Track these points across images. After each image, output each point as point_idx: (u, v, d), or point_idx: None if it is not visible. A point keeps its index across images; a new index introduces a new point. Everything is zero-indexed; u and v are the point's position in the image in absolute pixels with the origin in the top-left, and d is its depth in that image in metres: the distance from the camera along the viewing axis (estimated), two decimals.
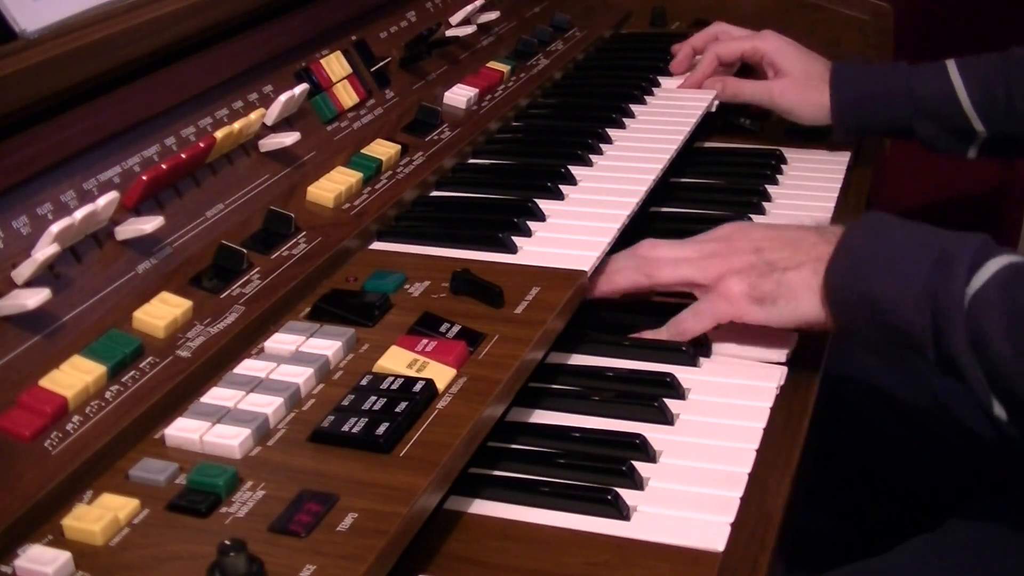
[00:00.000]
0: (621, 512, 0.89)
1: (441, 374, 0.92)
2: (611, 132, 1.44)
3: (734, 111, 1.66)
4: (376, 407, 0.87)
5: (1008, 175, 2.24)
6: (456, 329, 0.99)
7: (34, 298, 0.85)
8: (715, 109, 1.57)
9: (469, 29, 1.50)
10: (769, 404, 1.03)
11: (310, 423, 0.87)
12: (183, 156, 1.02)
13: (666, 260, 1.11)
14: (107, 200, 0.93)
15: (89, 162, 0.98)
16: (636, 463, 0.94)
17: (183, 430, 0.85)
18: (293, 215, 1.10)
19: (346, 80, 1.31)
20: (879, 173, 1.66)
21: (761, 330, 1.09)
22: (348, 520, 0.76)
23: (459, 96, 1.43)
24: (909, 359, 1.29)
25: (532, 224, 1.19)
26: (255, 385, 0.90)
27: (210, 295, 0.98)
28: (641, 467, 0.94)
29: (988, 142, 1.45)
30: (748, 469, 0.94)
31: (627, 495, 0.91)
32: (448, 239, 1.16)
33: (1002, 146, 1.46)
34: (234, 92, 1.16)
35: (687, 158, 1.52)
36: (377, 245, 1.17)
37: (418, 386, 0.90)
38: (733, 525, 0.88)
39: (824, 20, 1.83)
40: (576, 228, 1.19)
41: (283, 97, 1.16)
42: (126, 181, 1.00)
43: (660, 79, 1.64)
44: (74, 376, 0.85)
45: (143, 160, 1.03)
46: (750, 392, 1.05)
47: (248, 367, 0.93)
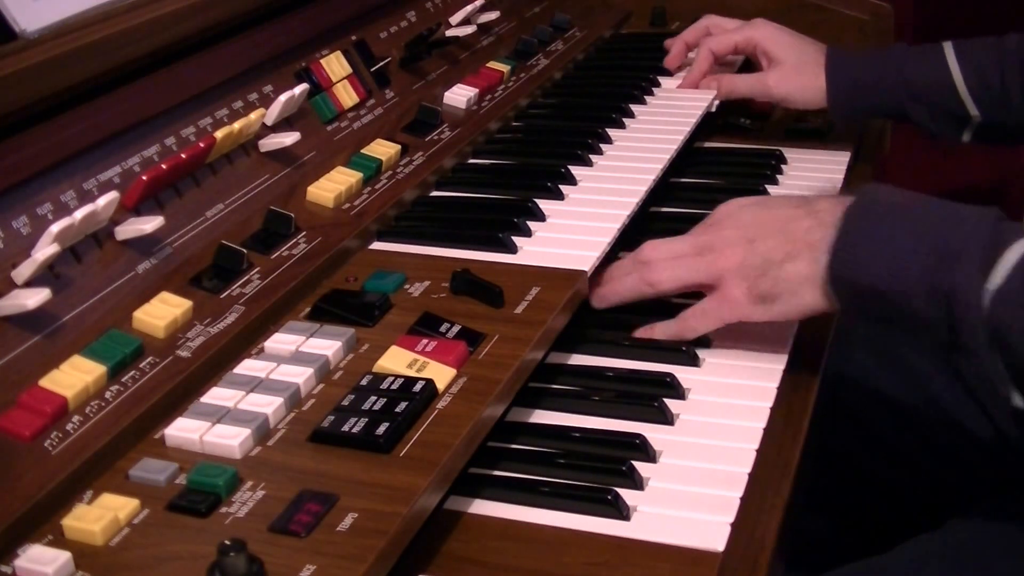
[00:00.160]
0: (621, 512, 0.89)
1: (441, 374, 0.92)
2: (611, 132, 1.44)
3: (734, 111, 1.65)
4: (376, 407, 0.87)
5: (1008, 174, 2.24)
6: (456, 329, 0.99)
7: (34, 298, 0.85)
8: (715, 109, 1.57)
9: (469, 29, 1.50)
10: (769, 404, 1.03)
11: (310, 423, 0.87)
12: (183, 156, 1.02)
13: (664, 262, 1.09)
14: (107, 200, 0.93)
15: (89, 162, 0.98)
16: (636, 463, 0.94)
17: (183, 430, 0.85)
18: (293, 215, 1.10)
19: (346, 80, 1.31)
20: (879, 173, 1.66)
21: (759, 327, 1.09)
22: (348, 520, 0.76)
23: (459, 96, 1.43)
24: (908, 356, 1.29)
25: (532, 224, 1.19)
26: (255, 385, 0.90)
27: (210, 295, 0.98)
28: (641, 467, 0.94)
29: (981, 127, 1.44)
30: (748, 469, 0.94)
31: (627, 495, 0.91)
32: (448, 239, 1.16)
33: (995, 132, 1.45)
34: (234, 92, 1.16)
35: (687, 158, 1.52)
36: (377, 245, 1.17)
37: (418, 386, 0.90)
38: (733, 525, 0.88)
39: (824, 20, 1.83)
40: (576, 228, 1.19)
41: (283, 97, 1.16)
42: (126, 181, 1.00)
43: (660, 79, 1.64)
44: (74, 376, 0.85)
45: (143, 160, 1.03)
46: (750, 392, 1.05)
47: (248, 367, 0.93)
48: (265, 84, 1.20)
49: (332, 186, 1.17)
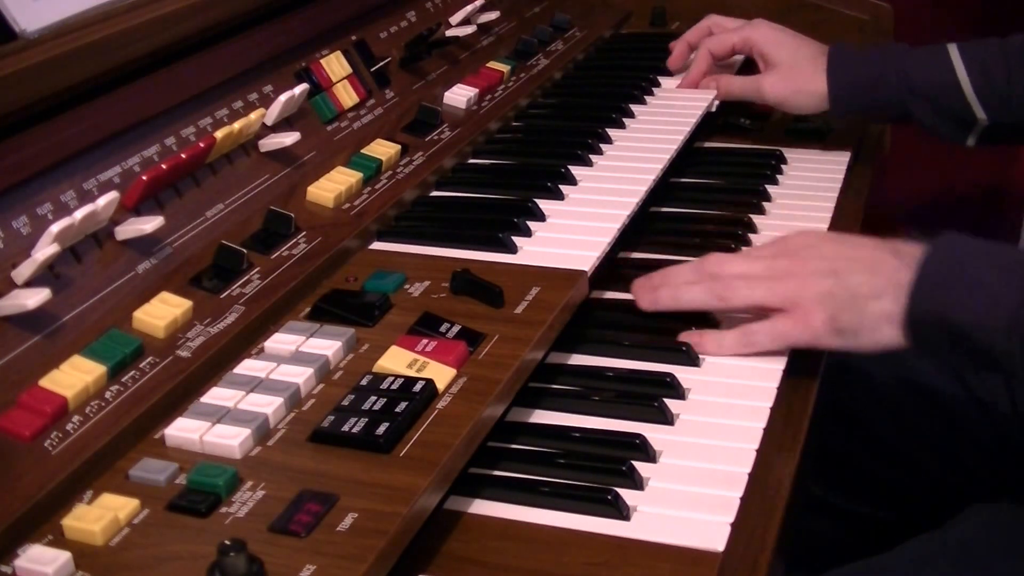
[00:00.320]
0: (621, 512, 0.89)
1: (441, 374, 0.92)
2: (611, 132, 1.44)
3: (734, 111, 1.65)
4: (376, 407, 0.87)
5: (1008, 175, 2.24)
6: (456, 329, 0.99)
7: (34, 298, 0.85)
8: (715, 109, 1.57)
9: (469, 29, 1.50)
10: (769, 404, 1.03)
11: (310, 423, 0.87)
12: (183, 156, 1.02)
13: (738, 280, 1.08)
14: (107, 200, 0.93)
15: (89, 162, 0.98)
16: (636, 463, 0.94)
17: (183, 430, 0.85)
18: (293, 215, 1.10)
19: (346, 80, 1.31)
20: (879, 173, 1.66)
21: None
22: (348, 520, 0.76)
23: (459, 96, 1.43)
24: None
25: (532, 224, 1.19)
26: (255, 385, 0.90)
27: (210, 295, 0.98)
28: (641, 467, 0.94)
29: (988, 130, 1.44)
30: (748, 469, 0.94)
31: (627, 495, 0.91)
32: (448, 239, 1.16)
33: (1002, 134, 1.45)
34: (234, 92, 1.16)
35: (687, 158, 1.52)
36: (377, 245, 1.17)
37: (418, 386, 0.90)
38: (733, 525, 0.88)
39: (824, 20, 1.83)
40: (576, 228, 1.19)
41: (283, 97, 1.16)
42: (126, 181, 1.00)
43: (660, 79, 1.64)
44: (74, 376, 0.85)
45: (143, 160, 1.03)
46: (750, 392, 1.05)
47: (248, 367, 0.93)
48: (265, 84, 1.20)
49: (332, 186, 1.17)
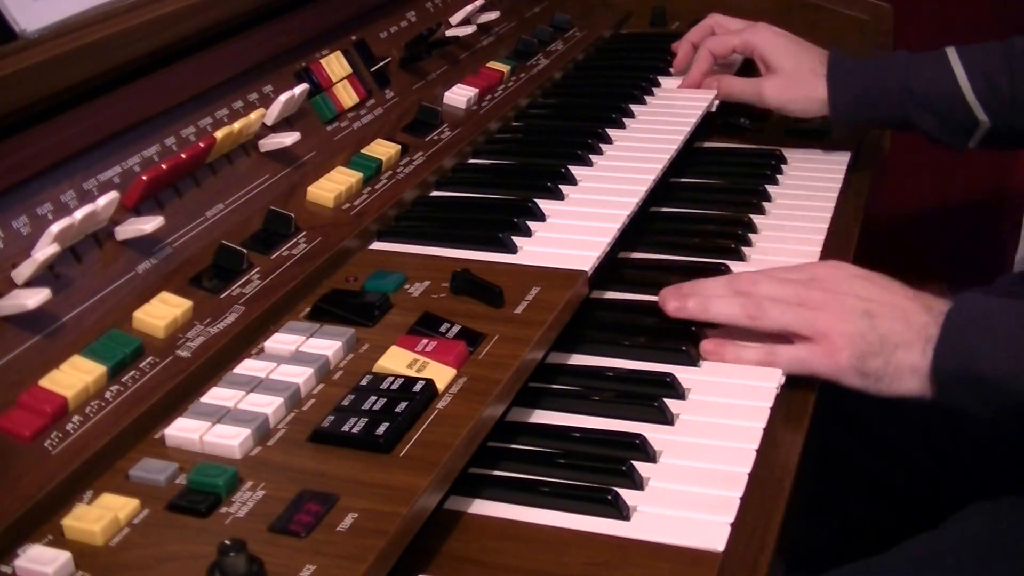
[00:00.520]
0: (621, 512, 0.89)
1: (441, 374, 0.92)
2: (611, 132, 1.44)
3: (734, 111, 1.65)
4: (376, 407, 0.87)
5: (1008, 175, 2.24)
6: (456, 329, 0.99)
7: (34, 298, 0.85)
8: (715, 109, 1.57)
9: (469, 29, 1.50)
10: (769, 404, 1.03)
11: (310, 423, 0.87)
12: (183, 156, 1.02)
13: (769, 302, 1.08)
14: (107, 200, 0.93)
15: (89, 162, 0.98)
16: (636, 463, 0.94)
17: (183, 430, 0.85)
18: (293, 215, 1.10)
19: (346, 80, 1.31)
20: (879, 173, 1.66)
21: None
22: (348, 520, 0.76)
23: (459, 96, 1.43)
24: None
25: (532, 224, 1.19)
26: (255, 385, 0.90)
27: (210, 295, 0.98)
28: (641, 467, 0.94)
29: (990, 133, 1.43)
30: (748, 469, 0.94)
31: (627, 495, 0.91)
32: (448, 239, 1.16)
33: (1005, 138, 1.45)
34: (234, 92, 1.16)
35: (687, 158, 1.52)
36: (377, 245, 1.17)
37: (418, 386, 0.90)
38: (733, 525, 0.88)
39: (824, 20, 1.83)
40: (576, 228, 1.19)
41: (283, 97, 1.16)
42: (126, 181, 1.00)
43: (660, 79, 1.64)
44: (74, 376, 0.85)
45: (143, 160, 1.03)
46: (750, 392, 1.05)
47: (248, 367, 0.93)
48: (265, 84, 1.20)
49: (332, 186, 1.17)
